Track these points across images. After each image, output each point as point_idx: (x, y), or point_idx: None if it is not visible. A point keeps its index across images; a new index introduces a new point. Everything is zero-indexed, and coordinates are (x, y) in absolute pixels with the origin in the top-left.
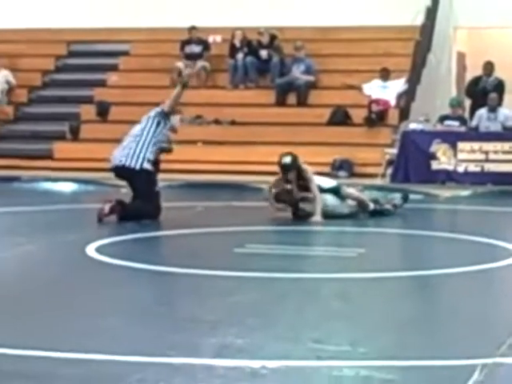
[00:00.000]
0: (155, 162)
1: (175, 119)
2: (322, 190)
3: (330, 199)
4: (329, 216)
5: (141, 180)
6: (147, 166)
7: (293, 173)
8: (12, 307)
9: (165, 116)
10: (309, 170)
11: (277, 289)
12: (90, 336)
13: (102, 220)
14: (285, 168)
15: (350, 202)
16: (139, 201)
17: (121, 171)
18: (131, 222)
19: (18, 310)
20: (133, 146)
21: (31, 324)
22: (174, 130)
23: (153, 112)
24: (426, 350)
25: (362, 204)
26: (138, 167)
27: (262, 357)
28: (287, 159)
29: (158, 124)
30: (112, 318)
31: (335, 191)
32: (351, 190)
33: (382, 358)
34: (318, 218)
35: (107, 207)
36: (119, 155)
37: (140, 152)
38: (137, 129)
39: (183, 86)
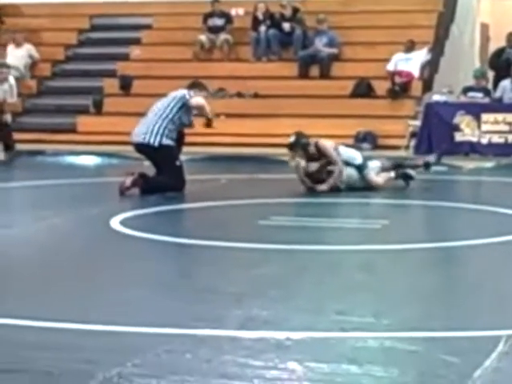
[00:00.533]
0: (178, 137)
1: (197, 95)
2: (353, 165)
3: (355, 174)
4: (351, 187)
5: (161, 156)
6: (167, 141)
7: (300, 151)
8: (37, 280)
9: (187, 105)
10: (327, 145)
11: (300, 261)
12: (115, 308)
13: (124, 193)
14: (290, 148)
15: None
16: (162, 175)
17: (141, 148)
18: (154, 195)
19: (43, 282)
20: (152, 123)
21: (56, 296)
22: (190, 125)
23: (179, 93)
24: (449, 321)
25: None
26: (157, 144)
27: (286, 328)
28: (291, 138)
29: (182, 106)
30: (137, 290)
31: (360, 168)
32: (372, 176)
33: (405, 330)
34: (324, 187)
35: (129, 180)
36: (139, 132)
37: (159, 129)
38: (159, 105)
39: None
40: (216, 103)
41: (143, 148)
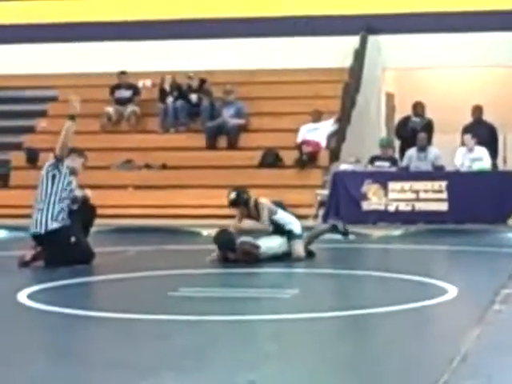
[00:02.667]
0: (88, 210)
1: (75, 162)
2: (291, 234)
3: (284, 244)
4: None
5: (49, 243)
6: (53, 225)
7: (242, 208)
8: None
9: (57, 164)
10: (266, 204)
11: (211, 332)
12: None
13: (23, 266)
14: (230, 204)
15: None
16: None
17: (33, 237)
18: (61, 267)
19: None
20: (36, 213)
21: None
22: (74, 172)
23: (44, 168)
24: None
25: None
26: (43, 231)
27: None
28: (232, 195)
29: (54, 178)
30: (45, 365)
31: (291, 236)
32: (300, 247)
33: None
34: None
35: (29, 255)
36: (32, 222)
37: (42, 217)
38: (38, 192)
39: (71, 118)
40: (124, 175)
41: (35, 238)
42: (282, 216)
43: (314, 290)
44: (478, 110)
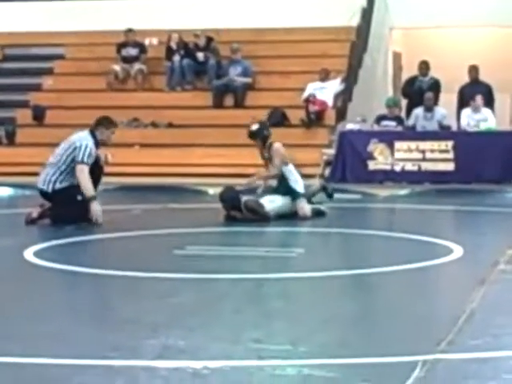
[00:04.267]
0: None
1: (104, 134)
2: (294, 193)
3: (289, 202)
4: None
5: (59, 199)
6: (61, 185)
7: (258, 142)
8: None
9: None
10: (280, 150)
11: (217, 290)
12: (29, 340)
13: (30, 224)
14: (249, 135)
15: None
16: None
17: (41, 194)
18: (66, 225)
19: None
20: (47, 171)
21: None
22: (104, 143)
23: (76, 142)
24: (367, 347)
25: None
26: (50, 190)
27: (203, 357)
28: (253, 126)
29: (74, 150)
30: (51, 322)
31: (295, 196)
32: (305, 206)
33: (323, 357)
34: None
35: (36, 212)
36: (40, 179)
37: (52, 176)
38: (57, 150)
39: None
40: (130, 133)
41: (42, 195)
42: (291, 170)
43: (320, 249)
44: (474, 70)
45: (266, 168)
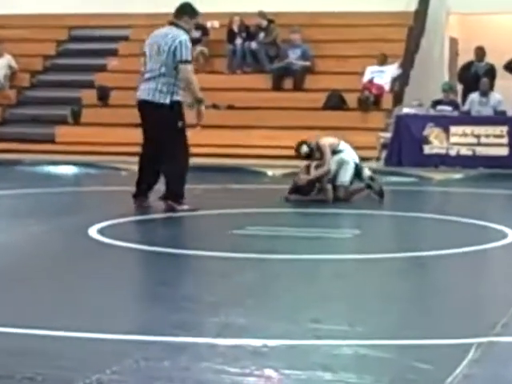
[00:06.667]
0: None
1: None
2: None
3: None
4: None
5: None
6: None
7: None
8: (17, 288)
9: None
10: (326, 144)
11: (275, 270)
12: (95, 315)
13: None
14: (305, 157)
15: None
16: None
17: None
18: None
19: (22, 290)
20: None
21: (36, 304)
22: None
23: (176, 40)
24: (422, 329)
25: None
26: (167, 101)
27: (262, 336)
28: (304, 148)
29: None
30: (115, 299)
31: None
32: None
33: (379, 338)
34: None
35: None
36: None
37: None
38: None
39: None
40: (192, 114)
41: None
42: (344, 148)
43: (375, 231)
44: None
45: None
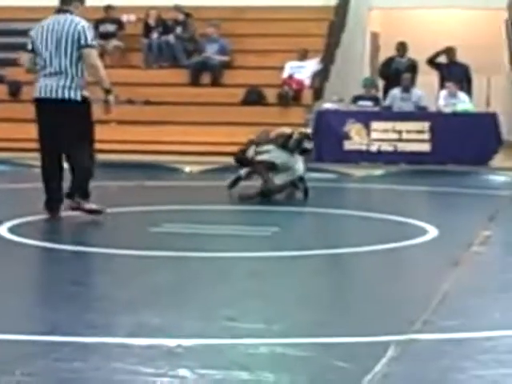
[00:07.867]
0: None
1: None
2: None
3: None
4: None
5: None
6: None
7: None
8: None
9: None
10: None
11: (191, 268)
12: (2, 316)
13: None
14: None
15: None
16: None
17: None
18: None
19: None
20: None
21: None
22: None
23: (77, 26)
24: (340, 327)
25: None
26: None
27: (177, 335)
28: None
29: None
30: (25, 298)
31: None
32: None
33: (296, 336)
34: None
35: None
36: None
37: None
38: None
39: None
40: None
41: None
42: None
43: (294, 228)
44: (451, 51)
45: None
